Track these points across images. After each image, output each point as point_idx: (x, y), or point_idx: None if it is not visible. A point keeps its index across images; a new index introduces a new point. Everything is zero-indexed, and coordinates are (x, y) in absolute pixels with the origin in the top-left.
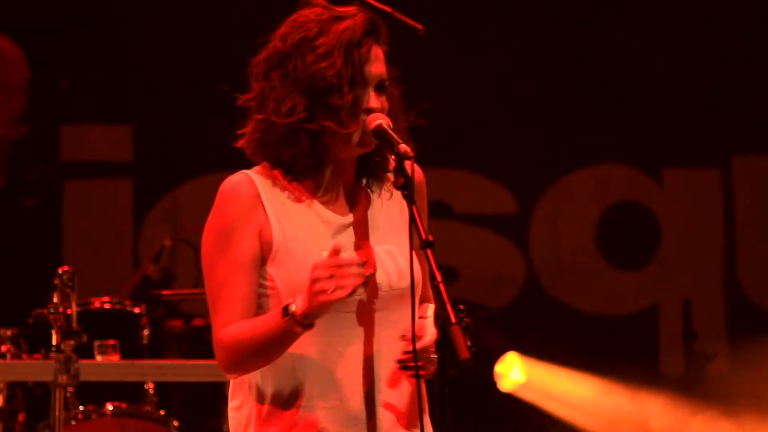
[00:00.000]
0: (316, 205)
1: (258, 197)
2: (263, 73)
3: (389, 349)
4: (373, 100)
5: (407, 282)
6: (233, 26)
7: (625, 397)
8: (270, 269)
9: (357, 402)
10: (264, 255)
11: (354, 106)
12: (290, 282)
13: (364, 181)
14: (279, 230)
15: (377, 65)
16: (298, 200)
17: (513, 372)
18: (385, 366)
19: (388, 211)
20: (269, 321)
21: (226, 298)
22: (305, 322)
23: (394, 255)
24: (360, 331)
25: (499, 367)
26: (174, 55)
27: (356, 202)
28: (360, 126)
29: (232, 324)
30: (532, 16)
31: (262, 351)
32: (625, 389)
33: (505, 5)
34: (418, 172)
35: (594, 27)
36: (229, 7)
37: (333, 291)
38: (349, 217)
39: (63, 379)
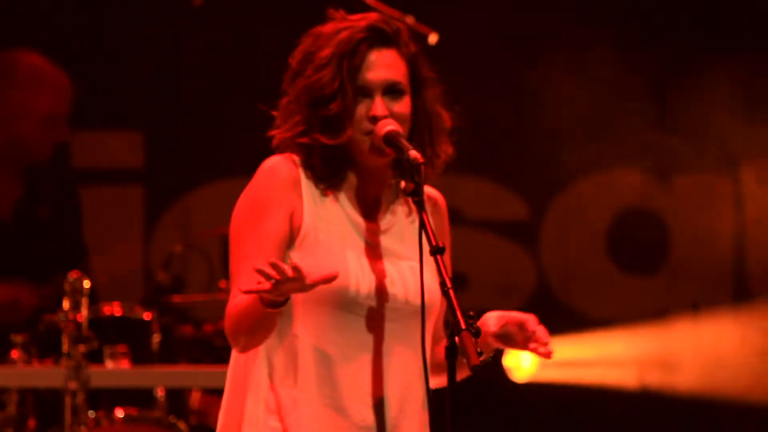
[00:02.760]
0: (347, 206)
1: (297, 181)
2: (284, 89)
3: (399, 363)
4: (378, 107)
5: (427, 300)
6: (244, 33)
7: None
8: (294, 254)
9: (360, 407)
10: (292, 238)
11: (343, 116)
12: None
13: (396, 195)
14: (311, 218)
15: (378, 71)
16: (331, 198)
17: (523, 360)
18: (394, 378)
19: (417, 229)
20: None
21: (247, 272)
22: (266, 302)
23: (416, 272)
24: (369, 339)
25: (507, 361)
26: (185, 61)
27: (387, 213)
28: (348, 135)
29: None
30: (541, 19)
31: (247, 324)
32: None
33: (515, 9)
34: (440, 198)
35: (603, 30)
36: (240, 15)
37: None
38: (377, 225)
39: (73, 385)
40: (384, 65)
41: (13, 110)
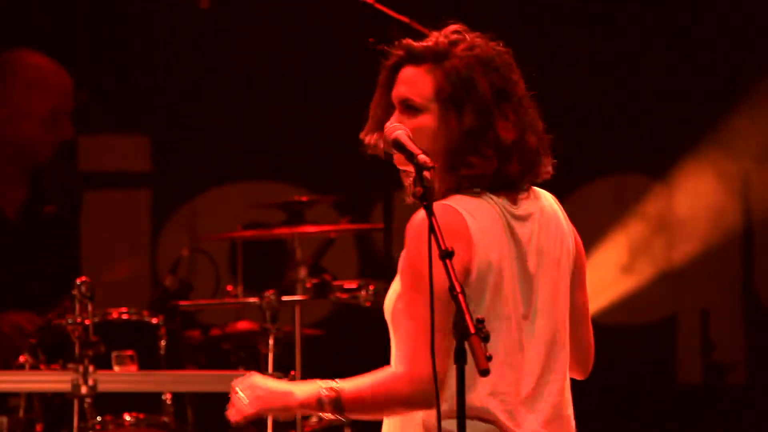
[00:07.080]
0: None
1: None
2: None
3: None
4: (392, 121)
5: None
6: (252, 37)
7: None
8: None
9: None
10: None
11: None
12: None
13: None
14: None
15: (398, 88)
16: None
17: None
18: None
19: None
20: None
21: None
22: None
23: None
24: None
25: None
26: (192, 65)
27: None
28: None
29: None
30: (547, 23)
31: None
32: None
33: (520, 12)
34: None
35: (610, 35)
36: (247, 18)
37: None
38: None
39: (81, 389)
40: (403, 82)
41: (15, 110)
